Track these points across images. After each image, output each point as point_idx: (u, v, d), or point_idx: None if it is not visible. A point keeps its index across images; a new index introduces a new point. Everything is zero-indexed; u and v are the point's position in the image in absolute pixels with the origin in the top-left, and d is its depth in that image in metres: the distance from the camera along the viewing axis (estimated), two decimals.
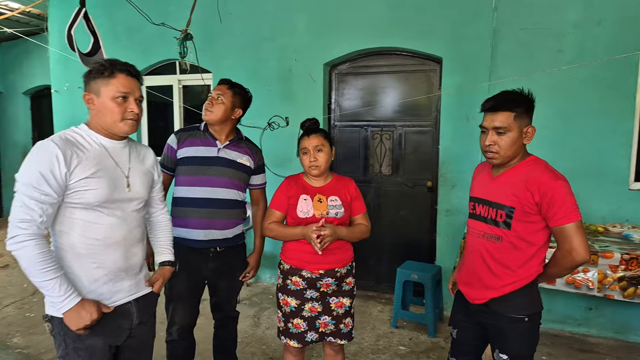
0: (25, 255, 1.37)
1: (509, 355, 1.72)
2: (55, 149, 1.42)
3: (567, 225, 1.59)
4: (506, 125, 1.65)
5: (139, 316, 1.67)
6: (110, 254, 1.56)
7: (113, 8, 4.62)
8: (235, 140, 2.27)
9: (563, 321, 3.41)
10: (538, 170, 1.65)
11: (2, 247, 5.66)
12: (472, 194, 1.87)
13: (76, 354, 1.52)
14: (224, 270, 2.28)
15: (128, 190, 1.60)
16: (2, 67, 7.18)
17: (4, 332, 3.30)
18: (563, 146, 3.36)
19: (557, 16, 3.31)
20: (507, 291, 1.70)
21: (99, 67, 1.54)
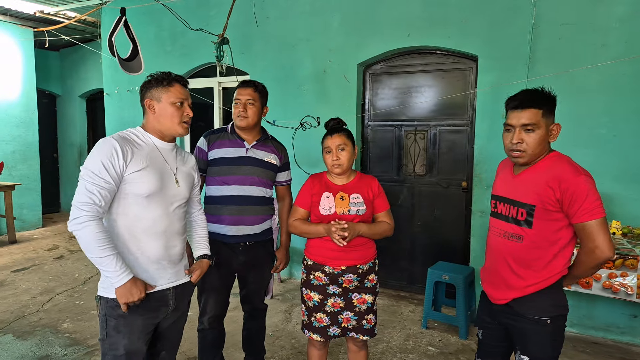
0: (86, 235, 1.53)
1: (530, 357, 1.67)
2: (115, 144, 1.62)
3: (590, 222, 1.53)
4: (535, 122, 1.61)
5: (175, 302, 1.81)
6: (153, 242, 1.71)
7: (159, 15, 4.88)
8: (262, 140, 2.37)
9: (605, 329, 3.25)
10: (559, 166, 1.61)
11: (58, 240, 6.12)
12: (494, 191, 1.83)
13: (116, 332, 1.68)
14: (253, 264, 2.38)
15: (177, 186, 1.79)
16: (61, 72, 7.76)
17: (55, 317, 3.57)
18: (610, 146, 3.20)
19: (601, 10, 3.15)
20: (529, 292, 1.66)
21: (157, 77, 1.76)
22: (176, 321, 1.88)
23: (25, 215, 6.55)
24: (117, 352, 1.68)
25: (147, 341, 1.76)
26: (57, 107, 7.95)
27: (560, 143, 3.28)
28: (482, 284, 1.88)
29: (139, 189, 1.65)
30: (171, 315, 1.83)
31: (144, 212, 1.68)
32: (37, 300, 3.90)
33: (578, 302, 3.32)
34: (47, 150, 7.53)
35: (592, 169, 3.23)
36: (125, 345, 1.68)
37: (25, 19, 6.19)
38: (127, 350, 1.69)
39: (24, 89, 6.41)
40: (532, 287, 1.65)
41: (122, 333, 1.67)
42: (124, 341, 1.68)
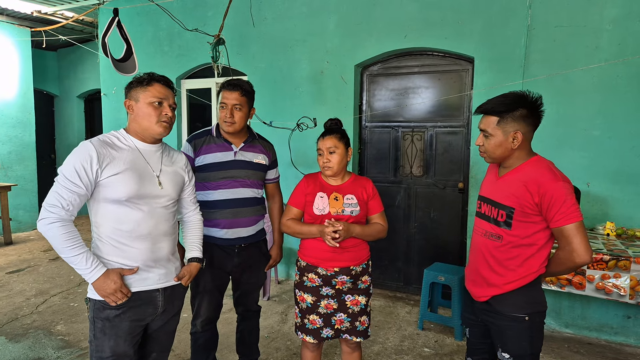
0: (53, 235, 1.56)
1: (510, 354, 1.71)
2: (91, 148, 1.63)
3: (568, 226, 1.57)
4: (488, 129, 1.70)
5: (164, 305, 1.79)
6: (138, 245, 1.69)
7: (156, 15, 4.88)
8: (249, 141, 2.33)
9: (599, 329, 3.26)
10: (539, 171, 1.64)
11: None
12: (481, 192, 1.88)
13: (102, 334, 1.67)
14: (248, 265, 2.38)
15: (160, 187, 1.75)
16: (59, 72, 7.75)
17: (49, 319, 3.56)
18: (605, 147, 3.22)
19: (594, 12, 3.17)
20: (507, 289, 1.70)
21: (139, 78, 1.75)
22: (166, 324, 1.86)
23: (22, 216, 6.53)
24: (103, 355, 1.68)
25: (135, 344, 1.75)
26: (55, 108, 7.93)
27: (555, 145, 3.34)
28: (465, 282, 1.92)
29: (116, 193, 1.64)
30: (160, 317, 1.81)
31: (125, 215, 1.67)
32: (31, 302, 3.88)
33: (572, 303, 3.33)
34: (44, 151, 7.52)
35: (587, 171, 3.30)
36: (111, 347, 1.67)
37: (22, 18, 6.18)
38: (113, 352, 1.68)
39: (21, 89, 6.40)
40: (510, 284, 1.70)
41: (107, 335, 1.67)
42: (110, 343, 1.67)
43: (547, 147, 3.37)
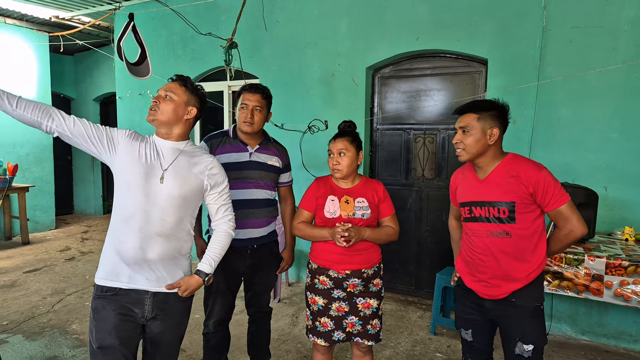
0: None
1: (535, 345, 1.79)
2: (127, 130, 1.77)
3: (563, 207, 1.75)
4: (468, 124, 1.82)
5: (152, 310, 1.71)
6: (128, 238, 1.67)
7: (170, 20, 4.95)
8: (264, 144, 2.38)
9: (616, 336, 3.18)
10: (523, 165, 1.79)
11: (70, 241, 6.21)
12: (463, 199, 1.94)
13: (93, 324, 1.71)
14: (260, 266, 2.39)
15: (161, 182, 1.69)
16: (75, 76, 7.90)
17: (64, 318, 3.61)
18: (622, 150, 3.15)
19: (612, 13, 3.11)
20: (528, 281, 1.80)
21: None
22: (165, 333, 1.77)
23: (39, 216, 6.66)
24: (93, 346, 1.69)
25: (127, 341, 1.69)
26: (72, 110, 8.08)
27: (571, 147, 3.28)
28: (468, 285, 1.94)
29: (120, 175, 1.70)
30: (154, 322, 1.74)
31: (123, 200, 1.70)
32: (47, 301, 3.95)
33: (589, 310, 3.26)
34: (61, 153, 7.65)
35: (605, 174, 3.24)
36: (98, 339, 1.66)
37: (40, 24, 6.33)
38: (99, 344, 1.65)
39: (39, 92, 6.54)
40: (530, 275, 1.80)
41: (96, 327, 1.68)
42: (98, 335, 1.66)
43: (563, 149, 3.33)
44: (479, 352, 1.99)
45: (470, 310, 1.96)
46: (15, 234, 6.28)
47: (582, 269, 2.55)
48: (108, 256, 1.71)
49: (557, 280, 2.64)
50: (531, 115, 3.39)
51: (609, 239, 2.98)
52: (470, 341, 1.99)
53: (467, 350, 2.03)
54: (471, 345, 1.99)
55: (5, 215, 6.08)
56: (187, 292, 1.77)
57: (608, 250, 2.67)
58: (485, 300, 1.88)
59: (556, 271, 2.63)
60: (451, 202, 2.14)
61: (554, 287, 2.65)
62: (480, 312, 1.92)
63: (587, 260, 2.54)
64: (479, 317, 1.94)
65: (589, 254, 2.56)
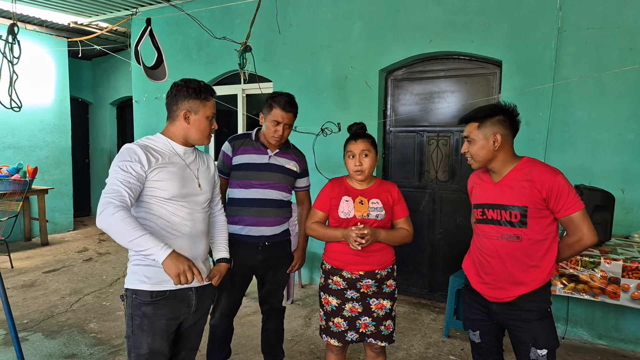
0: (118, 220, 1.51)
1: (548, 348, 1.77)
2: (139, 150, 1.69)
3: (575, 214, 1.72)
4: (469, 134, 1.86)
5: (196, 304, 1.84)
6: (178, 244, 1.74)
7: (185, 24, 5.03)
8: (284, 148, 2.48)
9: (634, 341, 3.12)
10: (538, 169, 1.78)
11: (88, 242, 6.32)
12: (478, 201, 1.96)
13: (141, 330, 1.72)
14: (271, 263, 2.47)
15: (200, 189, 1.84)
16: (93, 80, 8.07)
17: (82, 317, 3.69)
18: (638, 151, 3.11)
19: (629, 13, 3.08)
20: (536, 286, 1.79)
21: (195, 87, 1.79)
22: (196, 323, 1.92)
23: (57, 218, 6.80)
24: (140, 351, 1.73)
25: (170, 342, 1.80)
26: (89, 114, 8.26)
27: (588, 149, 3.25)
28: (474, 287, 1.95)
29: (161, 192, 1.71)
30: (192, 316, 1.86)
31: (169, 214, 1.74)
32: (66, 301, 4.03)
33: (606, 314, 3.21)
34: (79, 156, 7.83)
35: (622, 176, 3.20)
36: (148, 344, 1.72)
37: (59, 29, 6.48)
38: (150, 349, 1.73)
39: (58, 96, 6.69)
40: (536, 280, 1.79)
41: (145, 332, 1.72)
42: (147, 340, 1.72)
43: (580, 151, 3.29)
44: (487, 353, 1.98)
45: (477, 311, 1.96)
46: (34, 235, 6.43)
47: (598, 272, 2.52)
48: (149, 262, 1.70)
49: (572, 283, 2.62)
50: (546, 117, 3.36)
51: (626, 242, 2.94)
52: (478, 342, 1.99)
53: (476, 352, 2.03)
54: (479, 346, 1.99)
55: (25, 217, 6.22)
56: (219, 280, 1.93)
57: (625, 253, 2.63)
58: (492, 303, 1.89)
59: (572, 274, 2.61)
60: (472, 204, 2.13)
61: (570, 290, 2.62)
62: (487, 314, 1.93)
63: (604, 263, 2.51)
64: (486, 318, 1.94)
65: (605, 257, 2.53)
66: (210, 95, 1.82)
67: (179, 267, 1.54)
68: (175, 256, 1.56)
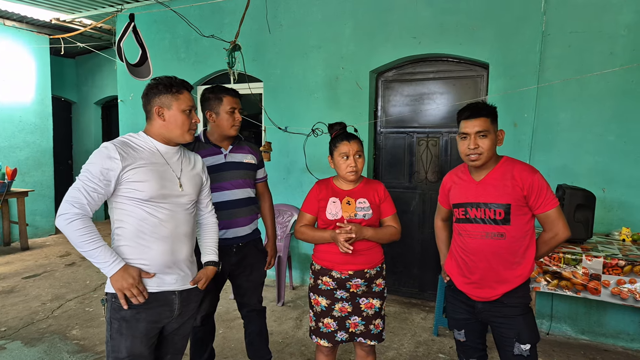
0: (72, 230, 1.57)
1: (531, 343, 1.82)
2: (113, 149, 1.65)
3: (552, 211, 1.81)
4: (487, 128, 1.83)
5: (180, 308, 1.80)
6: (158, 246, 1.71)
7: (173, 22, 4.97)
8: (237, 143, 2.44)
9: (615, 335, 3.23)
10: (518, 167, 1.85)
11: (71, 246, 6.14)
12: (459, 200, 1.96)
13: (119, 334, 1.68)
14: (249, 263, 2.45)
15: (181, 190, 1.78)
16: (77, 79, 7.90)
17: (64, 324, 3.59)
18: (620, 152, 3.21)
19: (609, 18, 3.18)
20: (519, 282, 1.84)
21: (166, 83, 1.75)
22: (181, 327, 1.87)
23: (38, 221, 6.62)
24: (119, 355, 1.69)
25: (151, 345, 1.76)
26: (73, 114, 8.08)
27: (570, 150, 3.34)
28: (459, 288, 1.97)
29: (138, 193, 1.66)
30: (176, 320, 1.82)
31: (147, 215, 1.69)
32: (47, 307, 3.93)
33: (588, 310, 3.31)
34: (61, 157, 7.65)
35: (603, 176, 3.29)
36: (127, 347, 1.68)
37: (41, 26, 6.33)
38: (129, 353, 1.68)
39: (39, 95, 6.53)
40: (520, 277, 1.85)
41: (124, 336, 1.68)
42: (127, 344, 1.68)
43: (563, 152, 3.38)
44: (472, 351, 2.02)
45: (462, 311, 1.99)
46: (14, 239, 6.23)
47: (580, 269, 2.59)
48: None
49: (556, 280, 2.68)
50: (531, 118, 3.45)
51: (606, 240, 3.03)
52: (463, 341, 2.02)
53: (461, 350, 2.07)
54: (464, 345, 2.03)
55: (4, 221, 6.03)
56: (206, 284, 1.90)
57: (605, 250, 2.71)
58: (477, 302, 1.92)
59: (555, 271, 2.68)
60: (439, 203, 2.16)
61: (553, 286, 2.69)
62: (472, 313, 1.96)
63: (585, 260, 2.58)
64: (471, 317, 1.97)
65: (586, 254, 2.60)
66: (183, 88, 1.77)
67: (122, 285, 1.60)
68: (122, 273, 1.61)
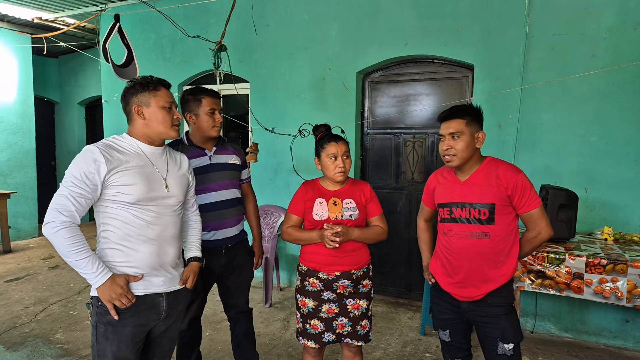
0: (59, 239, 1.54)
1: (514, 342, 1.84)
2: (97, 152, 1.62)
3: (535, 210, 1.84)
4: (461, 129, 1.85)
5: (167, 310, 1.78)
6: (145, 249, 1.69)
7: (158, 22, 4.92)
8: (220, 144, 2.42)
9: (597, 333, 3.29)
10: (502, 167, 1.87)
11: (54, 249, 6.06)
12: (443, 200, 1.98)
13: (105, 338, 1.66)
14: (237, 264, 2.44)
15: (167, 190, 1.76)
16: (60, 79, 7.77)
17: (48, 328, 3.53)
18: (602, 153, 3.27)
19: (591, 21, 3.23)
20: (503, 282, 1.86)
21: (142, 83, 1.73)
22: (169, 329, 1.84)
23: (21, 224, 6.49)
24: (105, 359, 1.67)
25: (138, 349, 1.73)
26: (56, 114, 7.94)
27: (553, 151, 3.39)
28: (444, 288, 1.99)
29: (125, 196, 1.64)
30: (163, 322, 1.79)
31: (133, 218, 1.67)
32: (30, 311, 3.86)
33: (572, 308, 3.36)
34: (44, 158, 7.52)
35: (585, 176, 3.35)
36: (113, 352, 1.66)
37: (23, 25, 6.21)
38: (115, 357, 1.66)
39: (21, 96, 6.41)
40: (504, 276, 1.87)
41: (110, 340, 1.65)
42: (112, 348, 1.66)
43: (546, 152, 3.43)
44: (457, 351, 2.04)
45: (447, 311, 2.01)
46: None
47: (563, 268, 2.63)
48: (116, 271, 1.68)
49: (540, 279, 2.72)
50: (516, 119, 3.49)
51: (589, 239, 3.09)
52: (448, 341, 2.04)
53: (446, 350, 2.08)
54: (449, 345, 2.05)
55: None
56: (194, 281, 1.89)
57: (588, 249, 2.76)
58: (462, 302, 1.93)
59: (539, 270, 2.71)
60: (423, 203, 2.20)
61: (537, 285, 2.72)
62: (457, 313, 1.98)
63: (568, 259, 2.62)
64: (456, 317, 1.99)
65: (569, 253, 2.64)
66: (160, 85, 1.76)
67: (110, 295, 1.59)
68: (109, 284, 1.60)
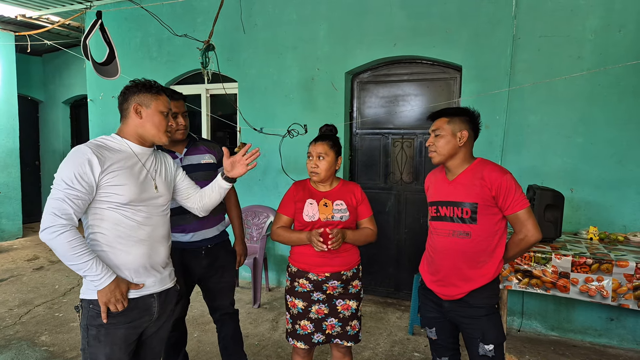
0: (60, 244, 1.51)
1: (494, 343, 1.85)
2: (90, 152, 1.59)
3: (521, 212, 1.83)
4: (440, 127, 1.92)
5: (159, 310, 1.77)
6: (135, 250, 1.68)
7: (144, 21, 4.86)
8: (191, 145, 2.38)
9: (583, 331, 3.33)
10: (488, 168, 1.88)
11: (39, 250, 5.98)
12: (433, 198, 2.03)
13: (97, 341, 1.64)
14: (220, 265, 2.42)
15: (157, 191, 1.76)
16: (44, 77, 7.64)
17: (33, 330, 3.47)
18: (587, 154, 3.31)
19: (577, 23, 3.28)
20: (484, 282, 1.87)
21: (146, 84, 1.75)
22: (159, 330, 1.84)
23: (5, 225, 6.38)
24: None
25: (131, 352, 1.72)
26: (40, 113, 7.81)
27: (539, 151, 3.42)
28: (428, 285, 2.02)
29: (117, 197, 1.63)
30: (155, 323, 1.79)
31: (124, 219, 1.65)
32: (14, 313, 3.79)
33: (558, 307, 3.40)
34: (28, 158, 7.38)
35: (571, 177, 3.38)
36: (106, 355, 1.64)
37: (6, 22, 6.08)
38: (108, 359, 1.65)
39: (4, 94, 6.29)
40: (485, 277, 1.87)
41: (103, 343, 1.64)
42: (105, 351, 1.64)
43: (533, 153, 3.46)
44: (444, 349, 2.05)
45: (432, 309, 2.03)
46: None
47: (549, 267, 2.65)
48: None
49: (526, 278, 2.74)
50: (503, 120, 3.52)
51: (574, 238, 3.12)
52: (435, 339, 2.05)
53: (433, 348, 2.10)
54: (436, 343, 2.06)
55: None
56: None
57: (574, 249, 2.79)
58: (444, 301, 1.96)
59: (526, 269, 2.73)
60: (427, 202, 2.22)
61: (524, 285, 2.74)
62: (441, 312, 2.00)
63: (555, 259, 2.64)
64: (440, 316, 2.01)
65: (556, 253, 2.67)
66: (163, 92, 1.78)
67: (109, 298, 1.58)
68: (112, 286, 1.58)
